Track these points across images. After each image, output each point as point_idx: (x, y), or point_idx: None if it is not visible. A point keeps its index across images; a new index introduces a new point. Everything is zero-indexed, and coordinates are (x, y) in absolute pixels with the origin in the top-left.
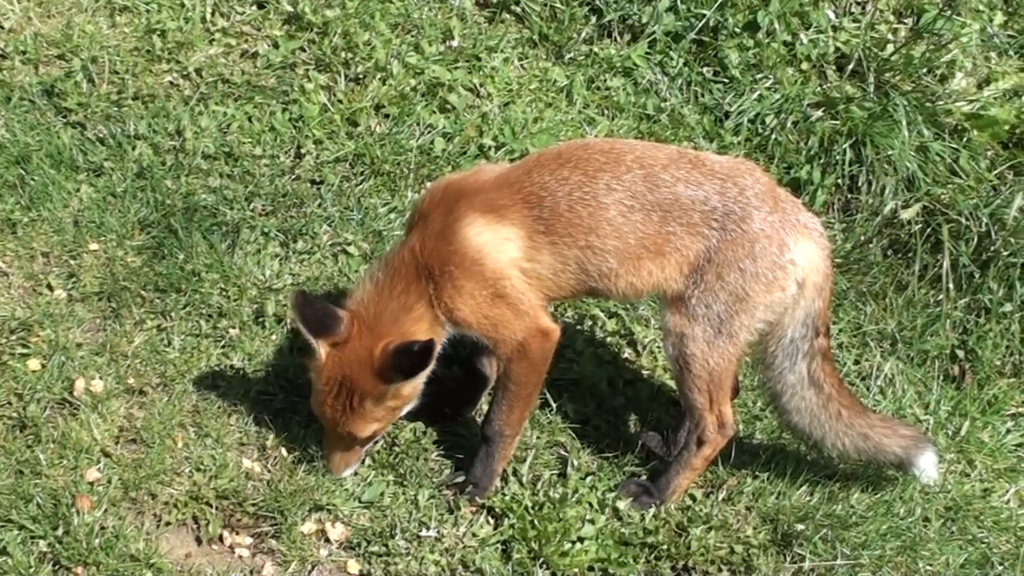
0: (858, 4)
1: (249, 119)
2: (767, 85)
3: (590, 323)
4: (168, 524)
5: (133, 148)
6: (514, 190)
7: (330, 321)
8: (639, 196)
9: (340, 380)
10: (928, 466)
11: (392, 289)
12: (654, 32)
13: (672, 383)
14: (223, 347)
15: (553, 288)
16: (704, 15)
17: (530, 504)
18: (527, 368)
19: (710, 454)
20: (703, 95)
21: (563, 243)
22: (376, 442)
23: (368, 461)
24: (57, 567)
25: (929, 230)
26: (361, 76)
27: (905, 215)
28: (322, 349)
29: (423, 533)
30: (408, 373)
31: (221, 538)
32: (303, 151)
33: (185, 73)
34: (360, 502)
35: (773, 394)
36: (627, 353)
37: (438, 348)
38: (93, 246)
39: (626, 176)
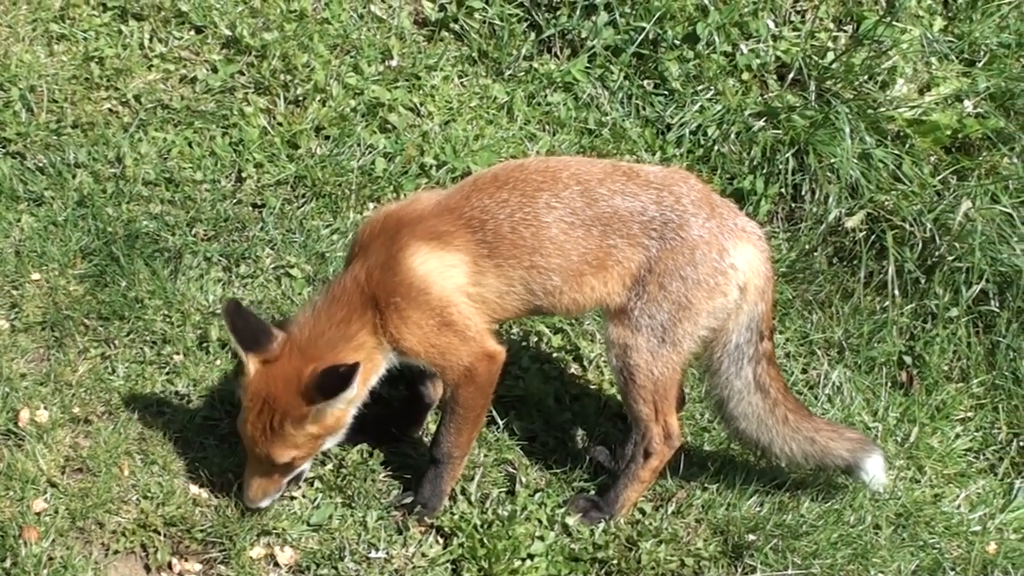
0: (798, 13)
1: (189, 144)
2: (708, 96)
3: (536, 339)
4: (116, 553)
5: (73, 176)
6: (455, 216)
7: (262, 336)
8: (578, 212)
9: (264, 398)
10: (876, 470)
11: (331, 317)
12: (594, 46)
13: (619, 396)
14: (168, 373)
15: (499, 310)
16: (643, 28)
17: (479, 522)
18: (474, 392)
19: (657, 466)
20: (644, 108)
21: (508, 265)
22: (298, 477)
23: (316, 484)
24: None
25: (873, 237)
26: (301, 98)
27: (849, 223)
28: (251, 364)
29: (372, 554)
30: (328, 394)
31: (170, 565)
32: (244, 175)
33: (124, 100)
34: (308, 525)
35: (720, 401)
36: (573, 368)
37: (378, 374)
38: (35, 276)
39: (564, 193)
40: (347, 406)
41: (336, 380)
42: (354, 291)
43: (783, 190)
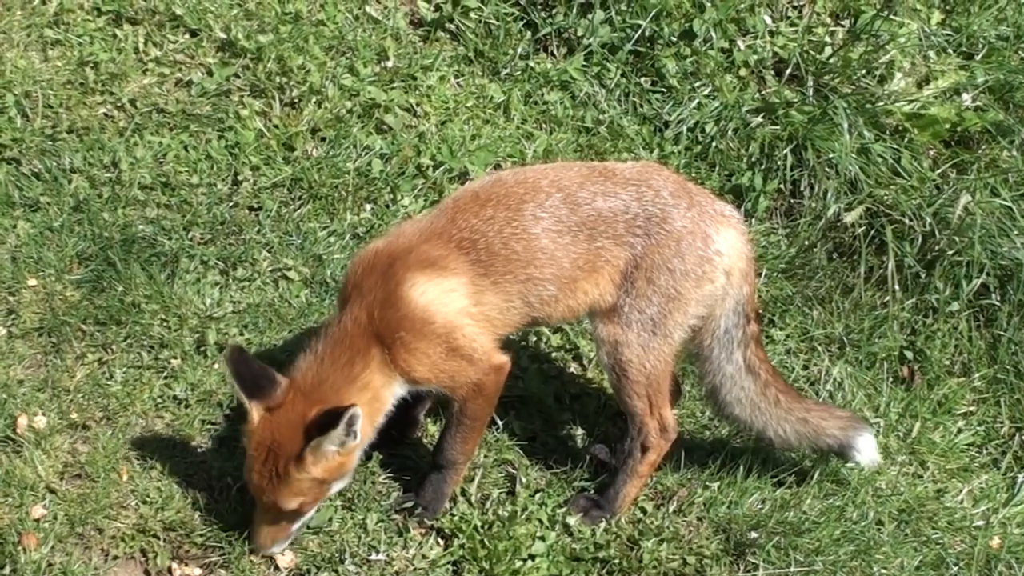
0: (795, 8)
1: (185, 148)
2: (706, 93)
3: (534, 339)
4: (116, 558)
5: (69, 182)
6: (444, 239)
7: (266, 384)
8: (564, 219)
9: (269, 445)
10: (867, 448)
11: (335, 360)
12: (590, 45)
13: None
14: (165, 378)
15: (501, 327)
16: (640, 25)
17: (480, 523)
18: (482, 403)
19: (655, 459)
20: (642, 106)
21: (505, 281)
22: (305, 523)
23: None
24: None
25: (873, 232)
26: (296, 100)
27: (848, 218)
28: (255, 412)
29: (373, 557)
30: (321, 430)
31: (170, 570)
32: (240, 178)
33: (119, 104)
34: (308, 528)
35: (712, 388)
36: (573, 367)
37: (386, 412)
38: (31, 282)
39: (548, 202)
40: (351, 450)
41: (329, 418)
42: (355, 332)
43: (782, 186)
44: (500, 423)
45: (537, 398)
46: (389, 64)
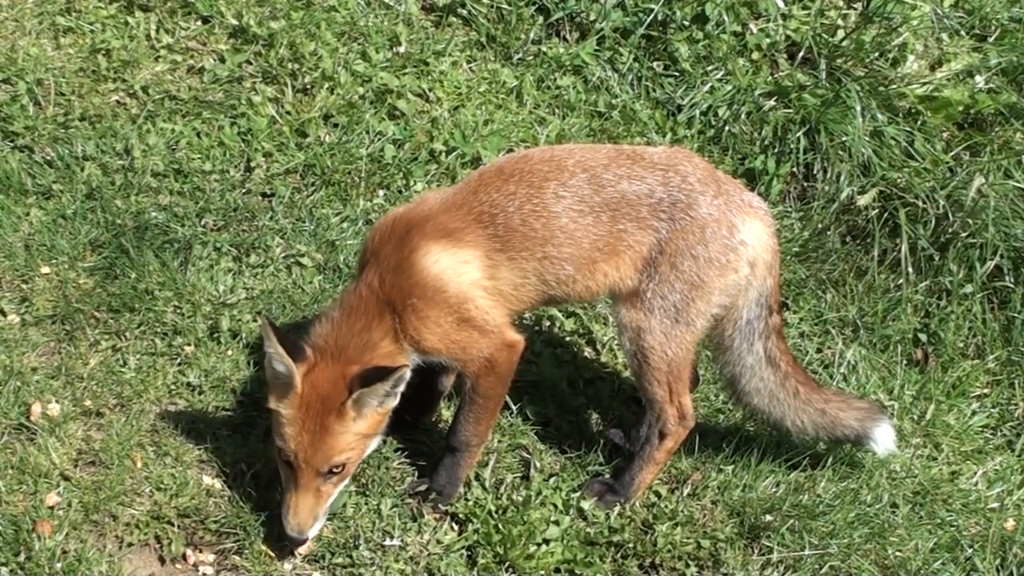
0: None
1: (197, 135)
2: (718, 77)
3: (548, 323)
4: (131, 545)
5: (82, 169)
6: (464, 212)
7: (295, 350)
8: (587, 199)
9: (313, 401)
10: (884, 438)
11: (351, 327)
12: (602, 29)
13: (632, 379)
14: (179, 365)
15: (515, 303)
16: (652, 9)
17: (494, 508)
18: (494, 381)
19: (672, 447)
20: (654, 90)
21: (521, 257)
22: (338, 502)
23: None
24: None
25: (886, 215)
26: (309, 86)
27: (862, 201)
28: (298, 376)
29: (387, 542)
30: (366, 382)
31: (184, 557)
32: (253, 164)
33: (131, 91)
34: None
35: (732, 378)
36: (587, 352)
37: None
38: (45, 269)
39: (571, 182)
40: (387, 411)
41: (378, 373)
42: (370, 299)
43: (795, 169)
44: (514, 408)
45: (551, 383)
46: (401, 50)
